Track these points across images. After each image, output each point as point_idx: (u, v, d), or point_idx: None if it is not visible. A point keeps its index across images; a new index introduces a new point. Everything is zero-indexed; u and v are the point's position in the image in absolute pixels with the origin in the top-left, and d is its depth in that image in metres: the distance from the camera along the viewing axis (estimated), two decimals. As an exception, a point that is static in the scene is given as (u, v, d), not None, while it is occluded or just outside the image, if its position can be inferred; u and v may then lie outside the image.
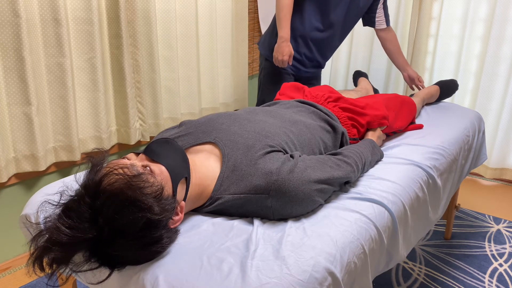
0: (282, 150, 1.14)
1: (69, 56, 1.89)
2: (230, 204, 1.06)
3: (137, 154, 1.01)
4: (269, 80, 2.24)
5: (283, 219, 1.05)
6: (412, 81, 2.28)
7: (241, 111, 1.32)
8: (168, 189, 0.94)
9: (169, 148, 1.02)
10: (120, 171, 0.88)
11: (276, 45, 2.03)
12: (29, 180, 1.95)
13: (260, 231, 0.98)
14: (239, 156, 1.09)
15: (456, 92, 2.66)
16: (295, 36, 2.15)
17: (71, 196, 0.89)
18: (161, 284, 0.84)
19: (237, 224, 1.02)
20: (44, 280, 1.83)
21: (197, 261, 0.88)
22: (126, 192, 0.84)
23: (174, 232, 0.94)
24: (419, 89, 2.25)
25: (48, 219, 0.87)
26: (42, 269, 0.85)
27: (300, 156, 1.13)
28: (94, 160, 0.92)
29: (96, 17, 1.95)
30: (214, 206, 1.07)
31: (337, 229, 1.00)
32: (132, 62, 2.18)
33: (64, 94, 1.91)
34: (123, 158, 0.98)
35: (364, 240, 1.02)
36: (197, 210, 1.09)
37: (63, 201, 0.88)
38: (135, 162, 0.94)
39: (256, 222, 1.02)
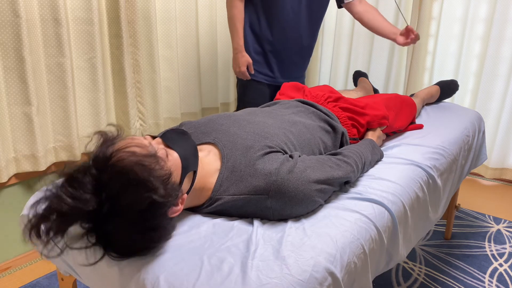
0: (281, 150, 1.14)
1: (69, 56, 1.89)
2: (230, 205, 1.06)
3: (153, 137, 1.01)
4: (244, 92, 2.11)
5: (283, 219, 1.05)
6: (408, 36, 1.92)
7: (241, 112, 1.33)
8: (176, 177, 0.95)
9: (185, 139, 1.03)
10: (134, 149, 0.87)
11: (232, 58, 1.91)
12: (29, 180, 1.95)
13: (260, 232, 0.98)
14: (238, 157, 1.09)
15: (456, 92, 2.66)
16: (264, 48, 2.01)
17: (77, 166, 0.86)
18: (161, 284, 0.84)
19: (237, 225, 1.02)
20: (45, 281, 1.83)
21: (198, 261, 0.88)
22: (136, 170, 0.83)
23: (172, 225, 0.94)
24: (414, 42, 1.93)
25: (49, 187, 0.84)
26: (38, 236, 0.83)
27: (299, 156, 1.13)
28: (106, 136, 0.90)
29: (96, 17, 1.95)
30: (213, 207, 1.07)
31: (337, 229, 1.00)
32: (132, 62, 2.18)
33: (64, 94, 1.91)
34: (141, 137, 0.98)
35: (364, 240, 1.02)
36: (197, 211, 1.09)
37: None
38: (153, 142, 0.94)
39: (256, 222, 1.02)
